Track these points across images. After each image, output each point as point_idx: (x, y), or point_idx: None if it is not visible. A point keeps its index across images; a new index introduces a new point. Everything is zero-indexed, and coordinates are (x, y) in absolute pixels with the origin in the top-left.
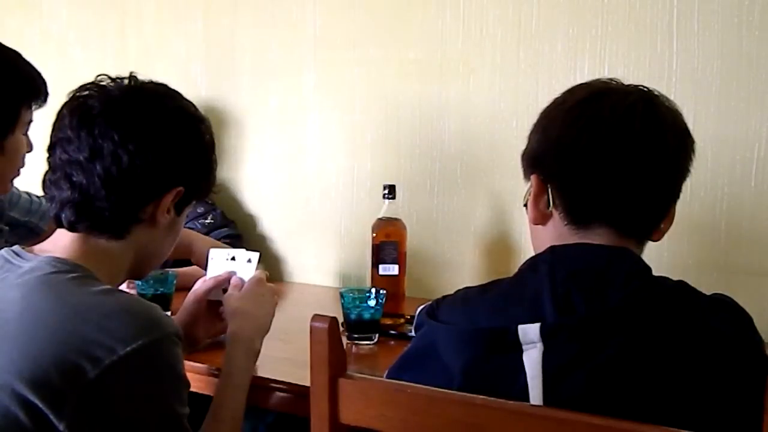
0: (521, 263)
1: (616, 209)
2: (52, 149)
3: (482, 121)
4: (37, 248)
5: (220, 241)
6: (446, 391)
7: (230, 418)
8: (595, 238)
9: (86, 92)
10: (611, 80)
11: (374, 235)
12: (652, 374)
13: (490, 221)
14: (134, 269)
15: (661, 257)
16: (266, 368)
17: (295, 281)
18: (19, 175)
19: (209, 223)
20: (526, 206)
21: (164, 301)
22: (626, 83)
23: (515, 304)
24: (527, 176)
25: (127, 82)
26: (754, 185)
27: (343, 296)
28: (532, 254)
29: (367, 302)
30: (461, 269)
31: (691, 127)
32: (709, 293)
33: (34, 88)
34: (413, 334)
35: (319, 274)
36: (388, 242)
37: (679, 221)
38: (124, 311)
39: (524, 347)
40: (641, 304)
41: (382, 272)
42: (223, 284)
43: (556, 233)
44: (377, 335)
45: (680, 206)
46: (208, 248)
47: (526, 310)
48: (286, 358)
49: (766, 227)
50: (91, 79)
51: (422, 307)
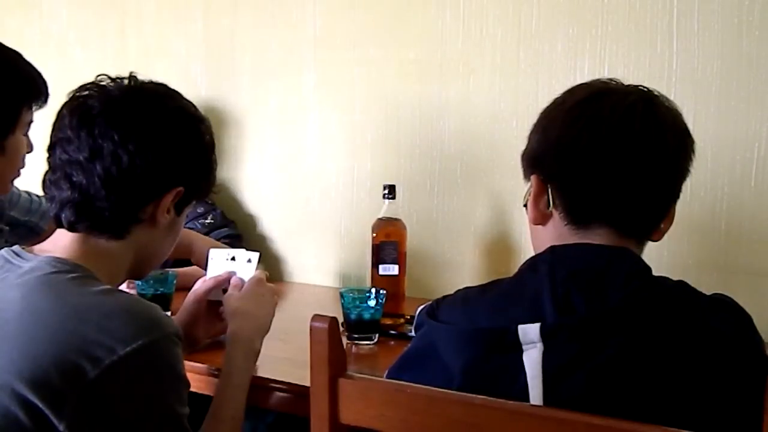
0: (521, 263)
1: (616, 209)
2: (52, 149)
3: (482, 121)
4: (37, 248)
5: (219, 241)
6: (446, 391)
7: (230, 418)
8: (595, 238)
9: (86, 92)
10: (611, 80)
11: (374, 235)
12: (652, 374)
13: (490, 221)
14: (134, 269)
15: (661, 257)
16: (266, 368)
17: (295, 281)
18: (19, 175)
19: (209, 223)
20: (526, 206)
21: (164, 301)
22: (626, 83)
23: (515, 304)
24: (527, 176)
25: (127, 82)
26: (754, 185)
27: (343, 296)
28: (532, 254)
29: (367, 302)
30: (461, 269)
31: (691, 127)
32: (709, 293)
33: (34, 88)
34: (413, 334)
35: (319, 274)
36: (388, 242)
37: (679, 221)
38: (124, 311)
39: (524, 347)
40: (641, 304)
41: (382, 272)
42: (223, 284)
43: (556, 233)
44: (377, 335)
45: (680, 206)
46: (208, 248)
47: (526, 310)
48: (286, 358)
49: (766, 227)
50: (91, 79)
51: (422, 307)
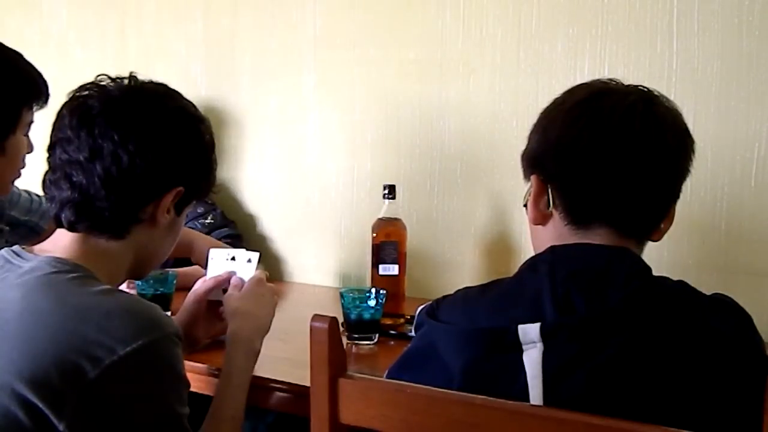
0: (521, 263)
1: (616, 209)
2: (52, 149)
3: (482, 121)
4: (37, 248)
5: (220, 240)
6: (446, 391)
7: (230, 418)
8: (595, 238)
9: (86, 92)
10: (611, 80)
11: (374, 235)
12: (652, 374)
13: (490, 221)
14: (134, 269)
15: (661, 257)
16: (266, 368)
17: (295, 281)
18: (20, 176)
19: (209, 223)
20: (526, 206)
21: (164, 301)
22: (626, 83)
23: (515, 304)
24: (527, 176)
25: (127, 82)
26: (754, 185)
27: (343, 296)
28: (532, 254)
29: (367, 302)
30: (461, 269)
31: (691, 127)
32: (709, 293)
33: (35, 88)
34: (413, 334)
35: (319, 274)
36: (388, 242)
37: (679, 221)
38: (124, 311)
39: (524, 347)
40: (641, 304)
41: (382, 272)
42: (223, 284)
43: (556, 233)
44: (377, 335)
45: (680, 206)
46: (208, 247)
47: (526, 310)
48: (286, 358)
49: (766, 227)
50: (91, 79)
51: (422, 307)
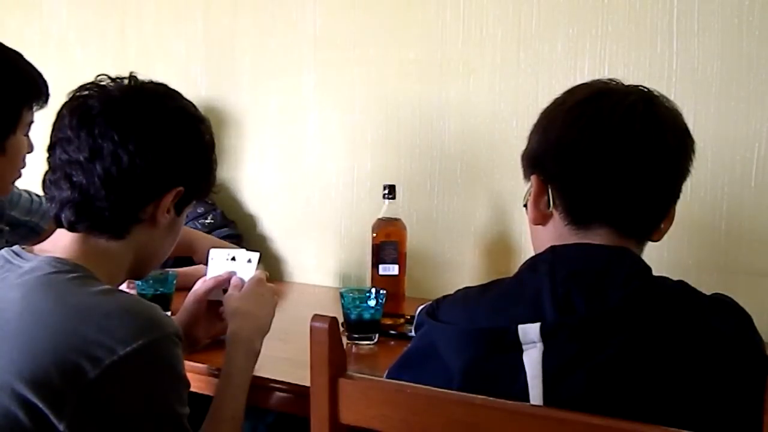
0: (521, 263)
1: (616, 209)
2: (52, 149)
3: (482, 121)
4: (37, 248)
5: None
6: (446, 391)
7: (230, 418)
8: (595, 238)
9: (86, 92)
10: (611, 80)
11: (374, 235)
12: (652, 374)
13: (490, 221)
14: (134, 269)
15: (661, 257)
16: (266, 368)
17: (295, 281)
18: (20, 176)
19: (209, 223)
20: (526, 206)
21: (164, 301)
22: (626, 83)
23: (515, 303)
24: (527, 176)
25: (127, 82)
26: (754, 185)
27: (343, 296)
28: (532, 254)
29: (367, 302)
30: (461, 269)
31: (691, 127)
32: (709, 293)
33: (35, 88)
34: (413, 334)
35: (319, 274)
36: (388, 242)
37: (679, 221)
38: (124, 311)
39: (524, 347)
40: (641, 304)
41: (382, 272)
42: (223, 284)
43: (556, 233)
44: (377, 335)
45: (680, 206)
46: (210, 247)
47: (526, 309)
48: (286, 358)
49: (766, 227)
50: (91, 79)
51: (422, 306)
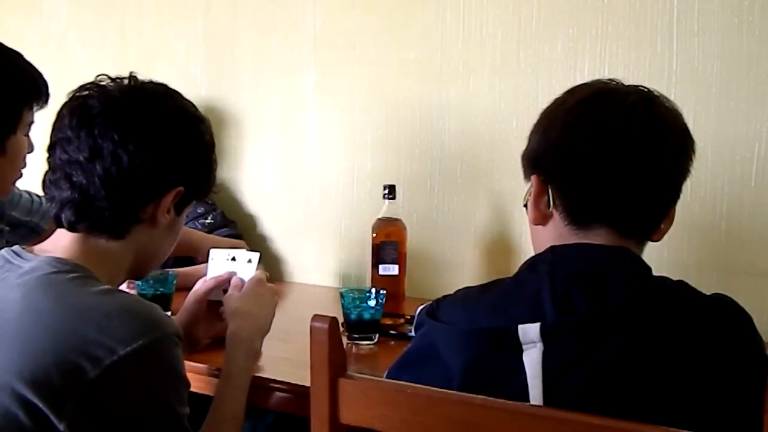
0: (521, 263)
1: (616, 210)
2: (51, 149)
3: (482, 121)
4: (37, 248)
5: None
6: (446, 391)
7: (230, 418)
8: (595, 238)
9: (86, 92)
10: (611, 80)
11: (374, 235)
12: (652, 374)
13: (490, 221)
14: (134, 269)
15: (661, 257)
16: (266, 368)
17: (295, 281)
18: (21, 176)
19: (209, 223)
20: (526, 206)
21: (164, 301)
22: (626, 83)
23: (515, 303)
24: (527, 176)
25: (127, 82)
26: (754, 185)
27: (343, 296)
28: (532, 254)
29: (367, 302)
30: (461, 269)
31: (691, 127)
32: (709, 293)
33: (35, 89)
34: (413, 334)
35: (319, 274)
36: (388, 242)
37: (679, 221)
38: (124, 311)
39: (524, 347)
40: (641, 304)
41: (382, 272)
42: (223, 284)
43: (556, 233)
44: (377, 335)
45: (680, 206)
46: (214, 246)
47: (526, 309)
48: (286, 358)
49: (766, 227)
50: (91, 79)
51: (422, 306)
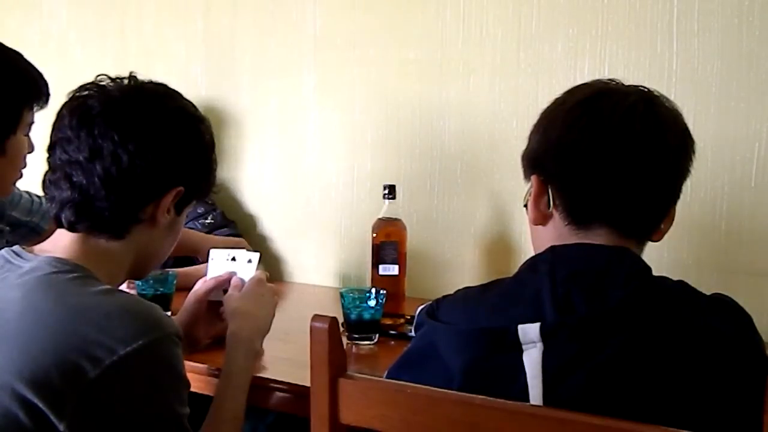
0: (521, 263)
1: (616, 210)
2: (51, 149)
3: (482, 121)
4: (37, 248)
5: None
6: (446, 391)
7: (230, 418)
8: (595, 238)
9: (86, 92)
10: (611, 81)
11: (374, 235)
12: (652, 374)
13: (490, 221)
14: (134, 269)
15: (661, 257)
16: (266, 368)
17: (295, 281)
18: (21, 176)
19: (209, 223)
20: (526, 207)
21: (164, 301)
22: (626, 83)
23: (515, 303)
24: (527, 177)
25: (127, 82)
26: (754, 185)
27: (343, 296)
28: (532, 254)
29: (367, 302)
30: (461, 269)
31: (691, 127)
32: (709, 293)
33: (35, 89)
34: (413, 334)
35: (319, 274)
36: (388, 242)
37: (679, 221)
38: (124, 311)
39: (524, 347)
40: (641, 304)
41: (382, 272)
42: (223, 285)
43: (556, 233)
44: (377, 335)
45: (680, 206)
46: (216, 246)
47: (526, 309)
48: (286, 358)
49: (766, 227)
50: (91, 79)
51: (422, 306)
